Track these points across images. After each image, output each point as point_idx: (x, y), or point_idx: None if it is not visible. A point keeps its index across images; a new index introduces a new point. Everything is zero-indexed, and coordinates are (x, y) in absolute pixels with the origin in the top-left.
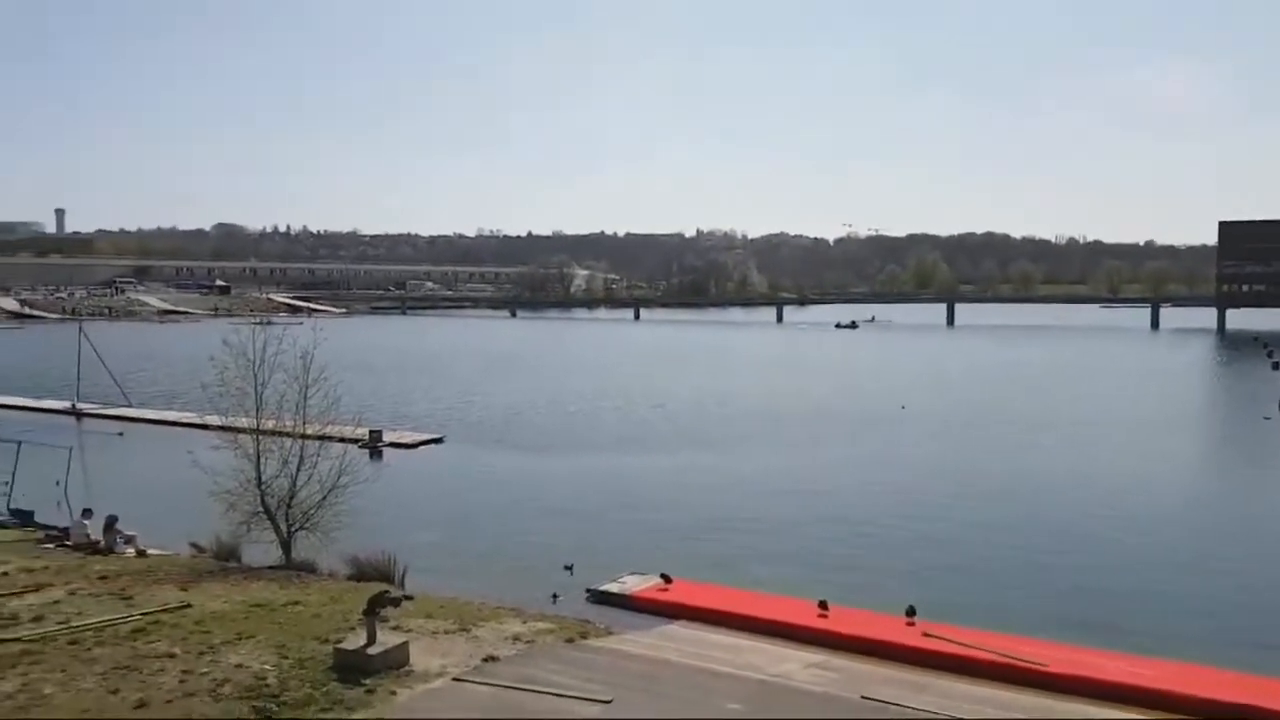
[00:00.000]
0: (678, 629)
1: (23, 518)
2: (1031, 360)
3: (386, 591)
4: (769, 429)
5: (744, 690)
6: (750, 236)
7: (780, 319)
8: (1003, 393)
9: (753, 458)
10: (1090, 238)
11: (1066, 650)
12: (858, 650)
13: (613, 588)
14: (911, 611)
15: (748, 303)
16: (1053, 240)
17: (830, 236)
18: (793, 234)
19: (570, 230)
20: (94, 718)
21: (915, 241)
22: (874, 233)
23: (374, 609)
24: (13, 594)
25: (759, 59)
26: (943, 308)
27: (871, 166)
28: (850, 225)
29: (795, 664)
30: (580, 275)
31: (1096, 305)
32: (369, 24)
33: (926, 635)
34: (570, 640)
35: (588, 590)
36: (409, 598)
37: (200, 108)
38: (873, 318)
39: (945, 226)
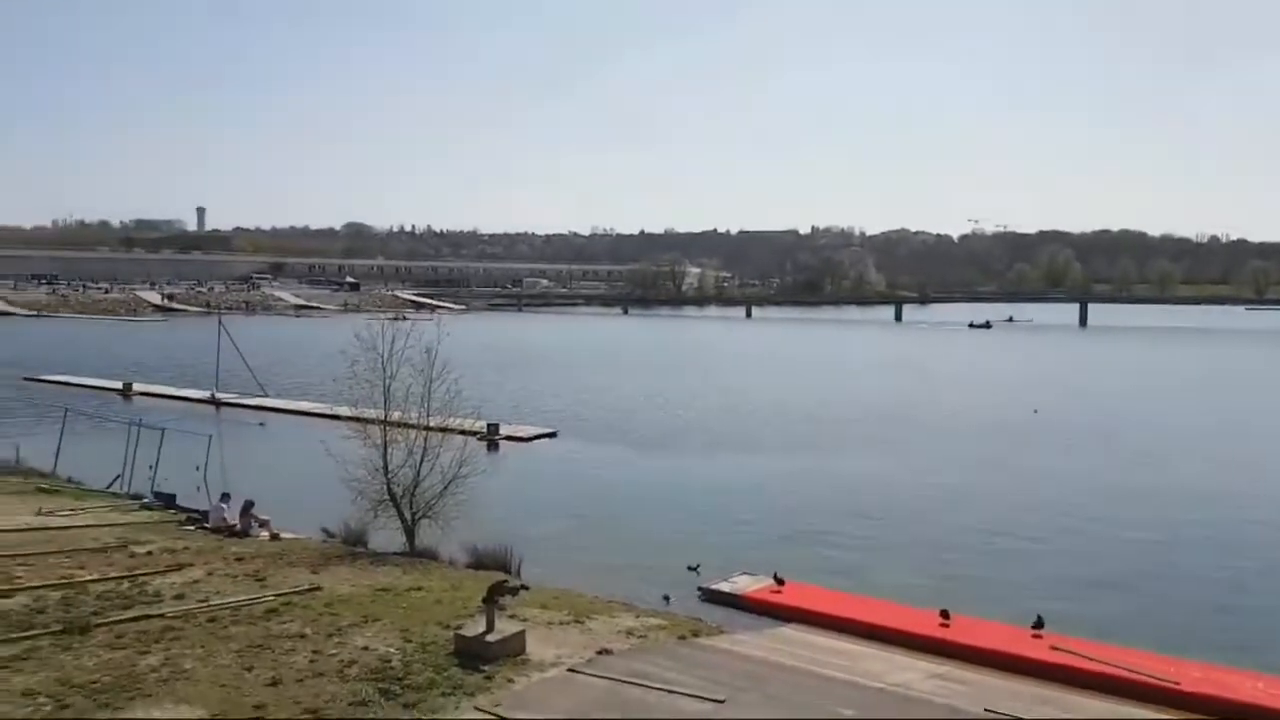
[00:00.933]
0: (790, 632)
1: (166, 500)
2: (1172, 364)
3: (504, 581)
4: (891, 431)
5: (861, 698)
6: (868, 233)
7: (899, 318)
8: (1141, 398)
9: (872, 460)
10: (1233, 236)
11: (1201, 668)
12: (981, 662)
13: (724, 587)
14: (1039, 623)
15: (864, 301)
16: (1193, 238)
17: (955, 233)
18: (914, 230)
19: (682, 228)
20: (231, 693)
21: (1046, 238)
22: (1001, 229)
23: (493, 597)
24: (156, 572)
25: (877, 55)
26: (1075, 308)
27: (999, 161)
28: (976, 221)
29: (915, 674)
30: (692, 273)
31: (1241, 307)
32: (490, 28)
33: (1054, 649)
34: (682, 638)
35: (699, 589)
36: (525, 587)
37: (332, 112)
38: (1010, 318)
39: (1078, 223)
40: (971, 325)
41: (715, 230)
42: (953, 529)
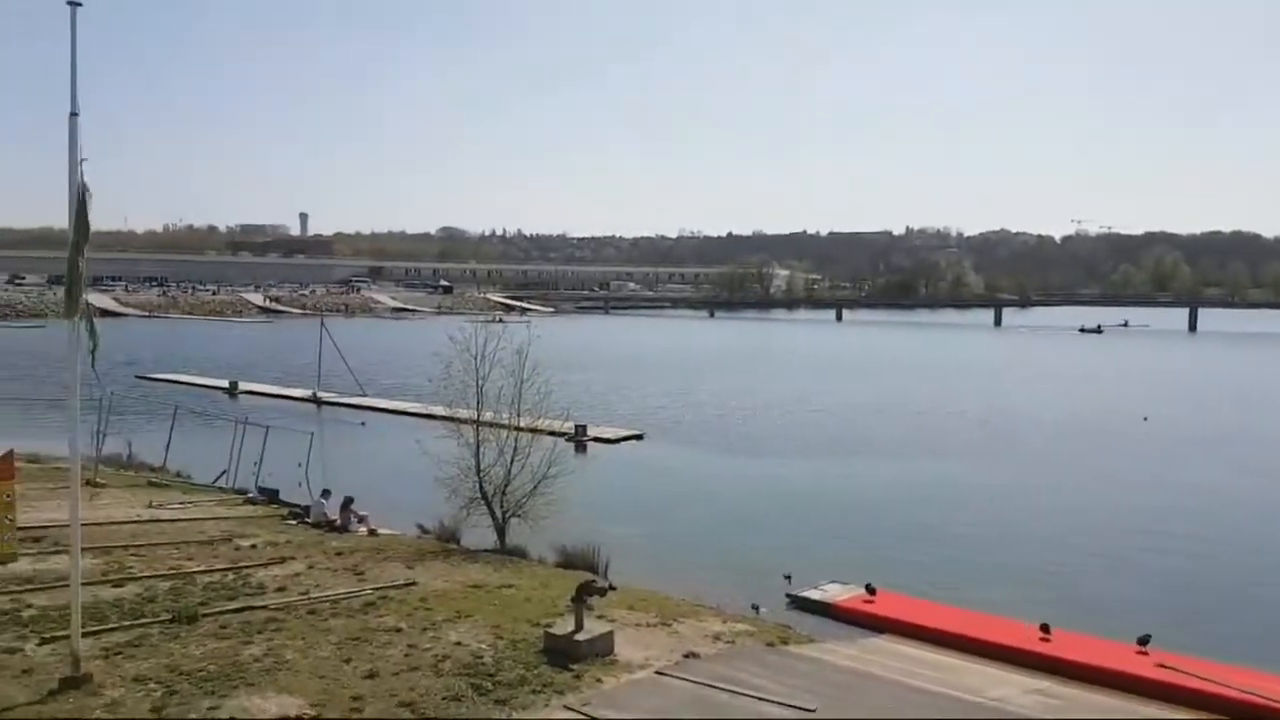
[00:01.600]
0: (882, 642)
1: (269, 495)
2: None
3: (593, 581)
4: (992, 438)
5: (956, 711)
6: (966, 234)
7: (999, 321)
8: (1258, 408)
9: (972, 468)
10: None
11: None
12: (1083, 678)
13: (814, 595)
14: (1145, 640)
15: (961, 304)
16: None
17: (1057, 234)
18: (1014, 231)
19: (770, 230)
20: (330, 684)
21: (1152, 240)
22: (1106, 230)
23: (582, 596)
24: (260, 565)
25: (977, 46)
26: (1184, 312)
27: (1103, 159)
28: (1080, 222)
29: (1014, 689)
30: (780, 275)
31: None
32: (573, 43)
33: (1161, 666)
34: (771, 644)
35: (788, 596)
36: (613, 588)
37: (430, 120)
38: (1125, 322)
39: (1186, 224)
40: (1082, 330)
41: (804, 232)
42: (1055, 539)
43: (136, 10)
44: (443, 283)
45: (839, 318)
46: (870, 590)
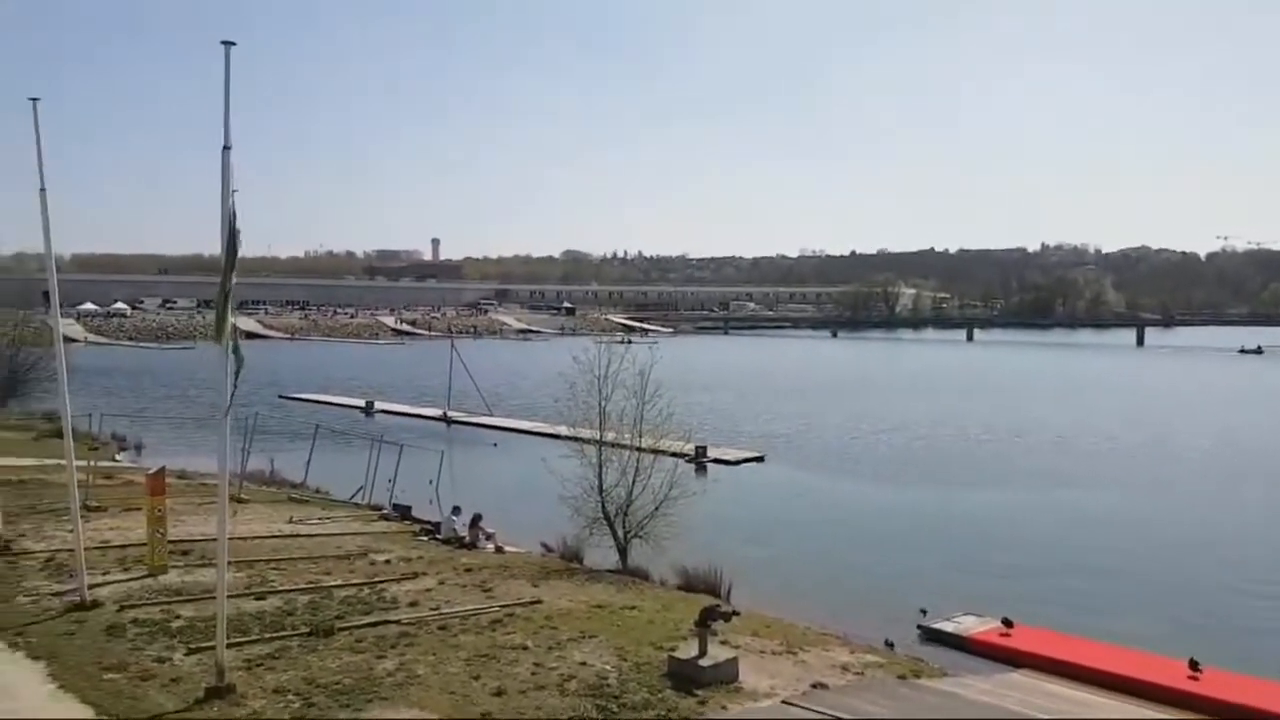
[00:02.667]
0: (1019, 678)
1: (402, 512)
2: None
3: (717, 606)
4: (1139, 465)
5: None
6: (1104, 251)
7: (1141, 342)
8: None
9: (1116, 497)
10: None
11: None
12: (1234, 718)
13: (947, 627)
14: None
15: (1100, 323)
16: None
17: (1201, 250)
18: (1155, 248)
19: (896, 247)
20: (459, 700)
21: None
22: (1254, 246)
23: (706, 621)
24: (393, 580)
25: (1110, 59)
26: None
27: (1250, 172)
28: (1225, 237)
29: None
30: (906, 294)
31: None
32: (694, 60)
33: None
34: (902, 677)
35: (919, 628)
36: (736, 613)
37: (555, 145)
38: None
39: None
40: (1242, 350)
41: (931, 249)
42: (1207, 572)
43: (282, 47)
44: (565, 304)
45: (970, 337)
46: (1007, 623)
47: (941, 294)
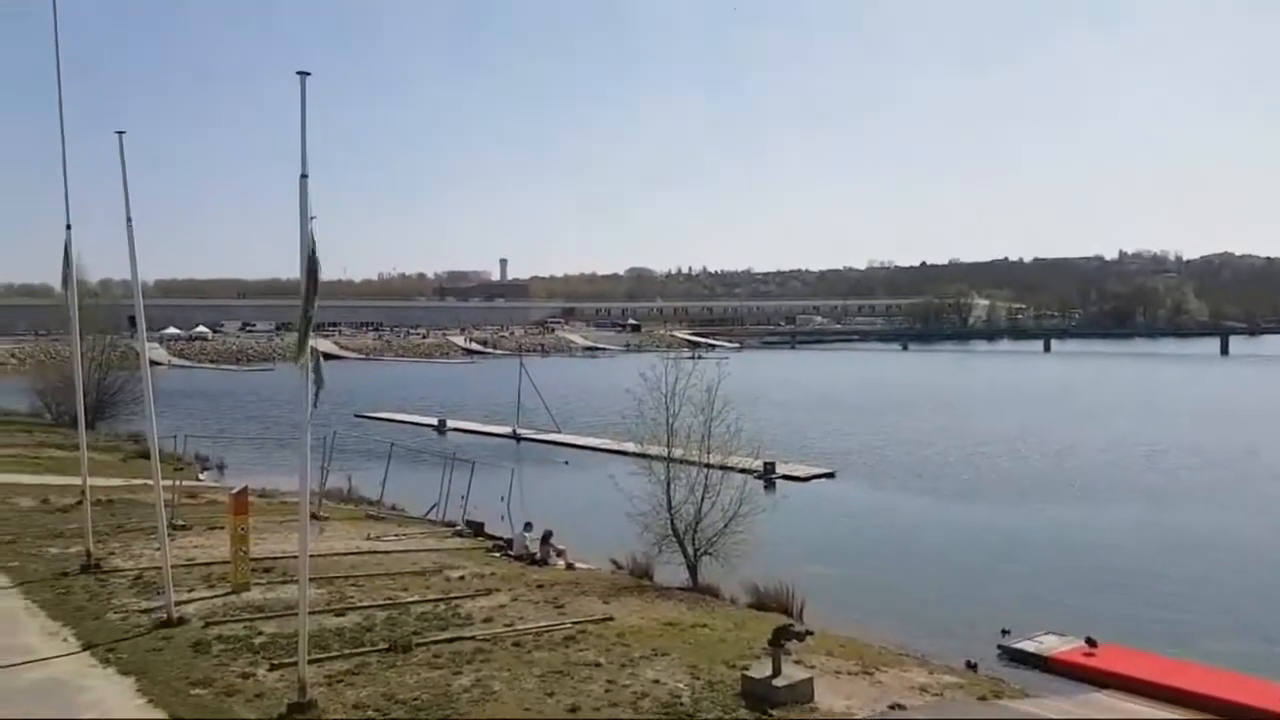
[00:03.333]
0: (1105, 698)
1: (475, 528)
2: None
3: (790, 625)
4: (1227, 481)
5: None
6: (1185, 257)
7: (1225, 351)
8: None
9: (1204, 514)
10: None
11: None
12: None
13: (1028, 646)
14: None
15: (1182, 332)
16: None
17: None
18: (1239, 254)
19: (967, 258)
20: (535, 717)
21: None
22: None
23: (779, 640)
24: (468, 596)
25: (1193, 71)
26: None
27: None
28: None
29: None
30: (979, 305)
31: None
32: (755, 74)
33: None
34: (983, 698)
35: (999, 647)
36: (810, 633)
37: (619, 165)
38: None
39: None
40: None
41: (1005, 259)
42: None
43: (352, 77)
44: (630, 321)
45: (1047, 348)
46: (1091, 643)
47: (1016, 304)
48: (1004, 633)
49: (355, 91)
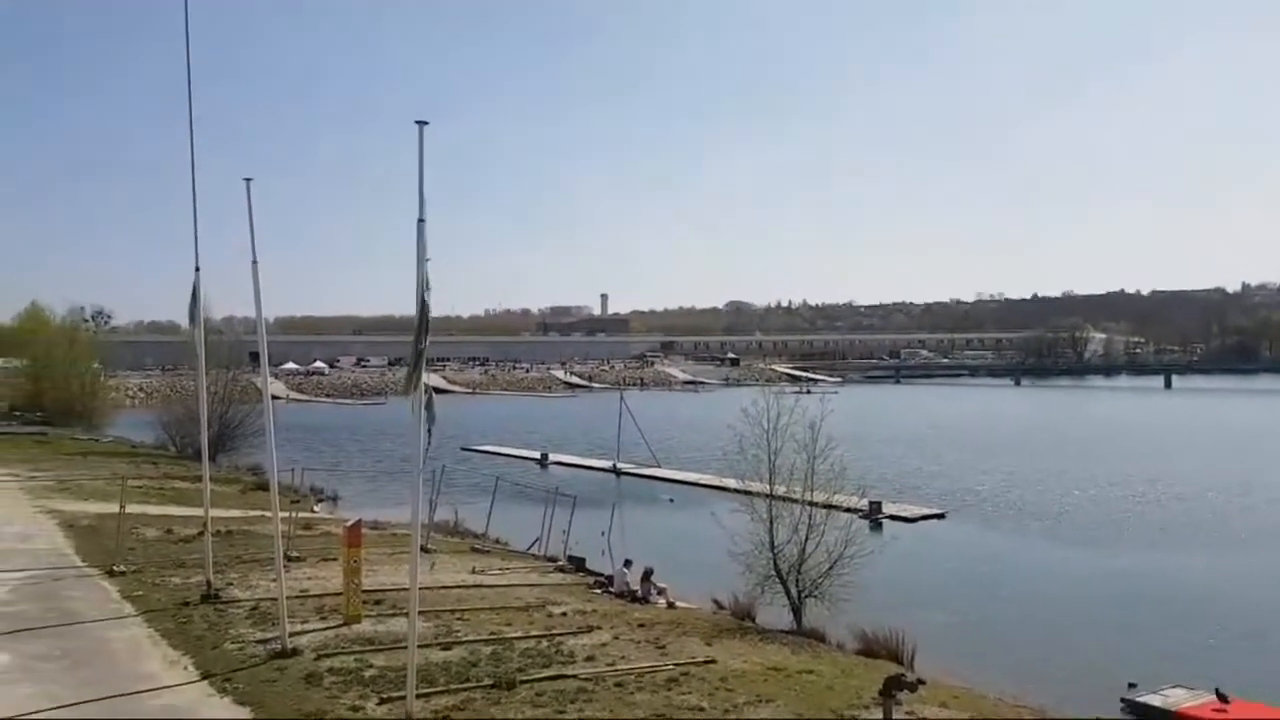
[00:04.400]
0: None
1: (577, 564)
2: None
3: (903, 675)
4: None
5: None
6: None
7: None
8: None
9: None
10: None
11: None
12: None
13: (1154, 700)
14: None
15: None
16: None
17: None
18: None
19: (1082, 290)
20: None
21: None
22: None
23: (890, 690)
24: (570, 633)
25: None
26: None
27: None
28: None
29: None
30: (1096, 339)
31: None
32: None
33: None
34: None
35: (1123, 700)
36: (922, 682)
37: (716, 199)
38: None
39: None
40: None
41: (1123, 291)
42: None
43: (465, 121)
44: (729, 355)
45: (1168, 384)
46: (1222, 697)
47: (1135, 338)
48: (1130, 685)
49: (467, 137)
